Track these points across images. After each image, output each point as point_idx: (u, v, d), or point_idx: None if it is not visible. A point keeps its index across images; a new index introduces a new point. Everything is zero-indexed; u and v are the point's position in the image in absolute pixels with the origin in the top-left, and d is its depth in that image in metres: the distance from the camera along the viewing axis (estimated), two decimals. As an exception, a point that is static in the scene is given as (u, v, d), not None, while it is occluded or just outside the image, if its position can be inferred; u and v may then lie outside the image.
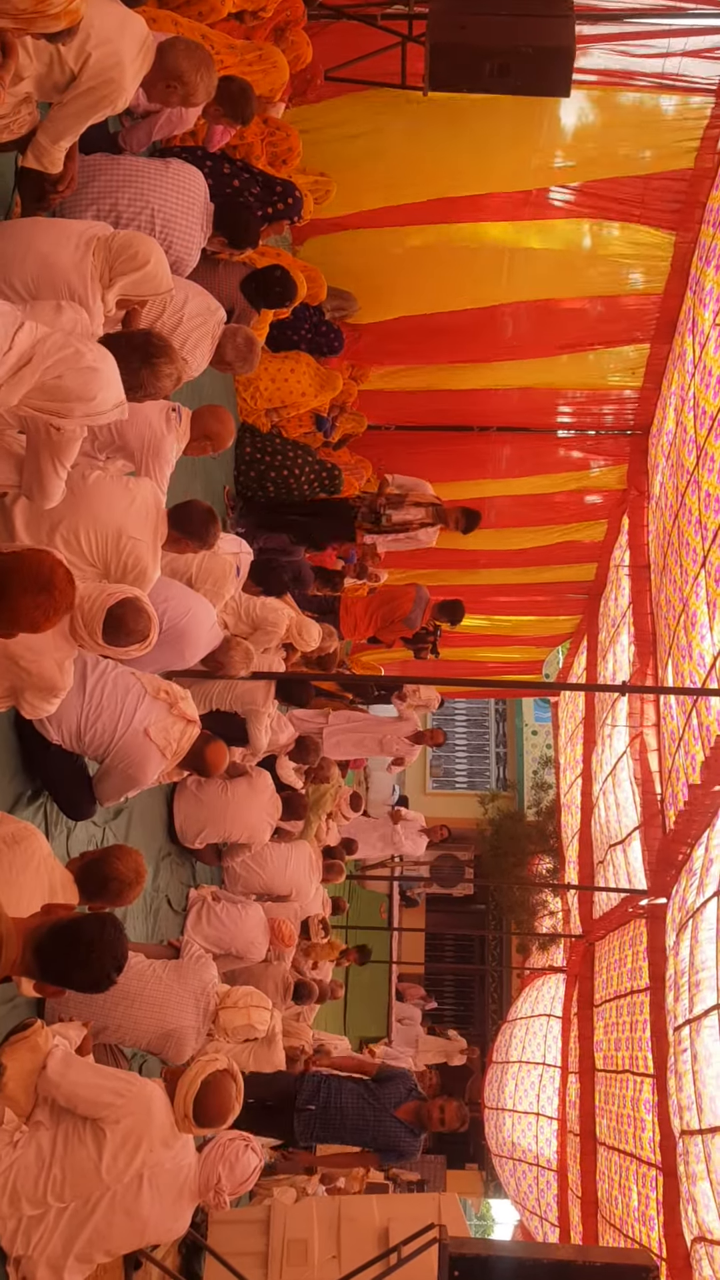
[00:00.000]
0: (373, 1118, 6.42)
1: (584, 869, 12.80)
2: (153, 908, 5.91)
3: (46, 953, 2.78)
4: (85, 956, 2.81)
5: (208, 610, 5.31)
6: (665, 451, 9.68)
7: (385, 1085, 6.56)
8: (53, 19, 3.16)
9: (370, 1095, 6.47)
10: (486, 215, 8.92)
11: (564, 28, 6.52)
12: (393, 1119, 6.42)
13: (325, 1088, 6.49)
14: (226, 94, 5.18)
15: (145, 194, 4.85)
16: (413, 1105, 6.50)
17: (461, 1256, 4.62)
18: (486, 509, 12.07)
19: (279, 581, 7.22)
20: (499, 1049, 14.49)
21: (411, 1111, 6.46)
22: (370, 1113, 6.43)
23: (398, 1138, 6.44)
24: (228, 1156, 3.99)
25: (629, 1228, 8.34)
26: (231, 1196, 4.01)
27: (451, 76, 6.76)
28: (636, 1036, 8.69)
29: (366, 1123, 6.43)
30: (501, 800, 22.47)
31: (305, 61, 7.03)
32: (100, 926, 2.85)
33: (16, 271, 3.75)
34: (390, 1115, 6.42)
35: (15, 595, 3.00)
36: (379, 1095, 6.47)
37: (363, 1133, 6.50)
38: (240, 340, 5.32)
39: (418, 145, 8.20)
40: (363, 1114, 6.41)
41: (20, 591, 3.00)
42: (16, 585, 2.99)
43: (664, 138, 8.04)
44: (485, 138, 8.13)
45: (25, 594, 3.00)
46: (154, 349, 3.83)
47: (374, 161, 8.37)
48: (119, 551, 4.05)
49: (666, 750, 9.08)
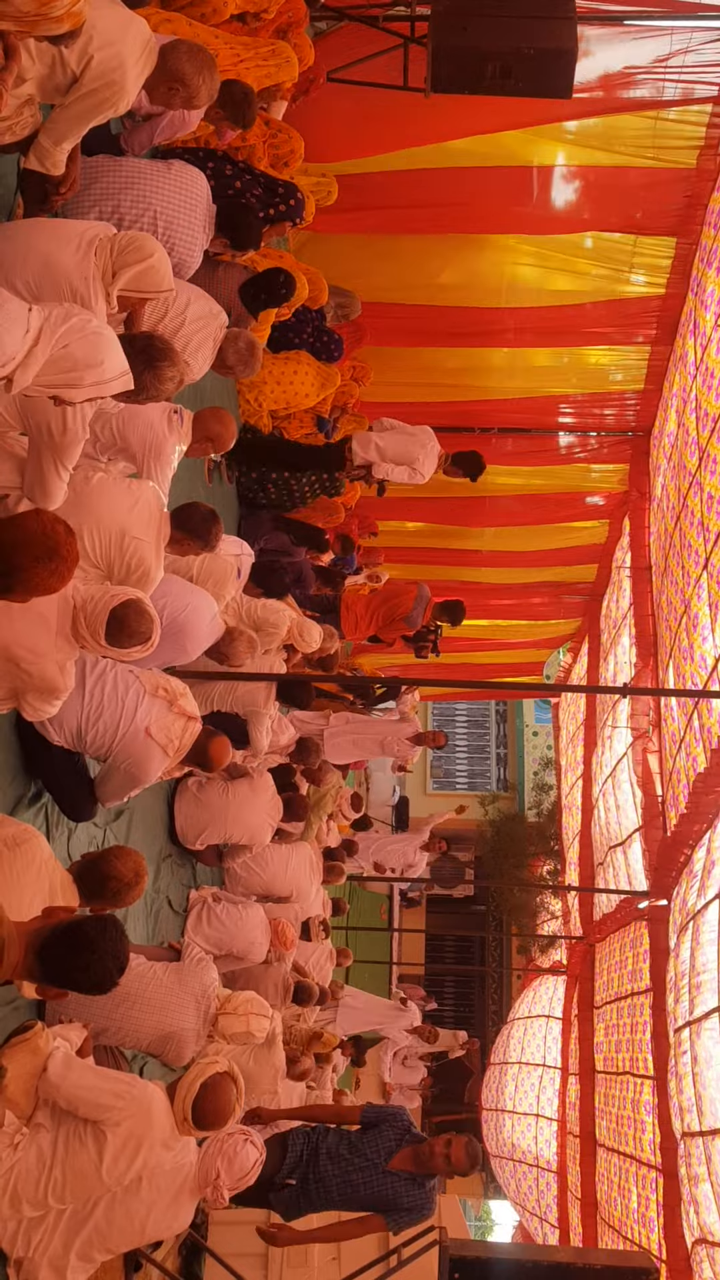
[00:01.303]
0: (361, 1180, 5.18)
1: (584, 870, 12.80)
2: (153, 909, 5.91)
3: (48, 955, 2.78)
4: (87, 958, 2.81)
5: (208, 603, 5.31)
6: (667, 453, 9.69)
7: (372, 1134, 5.32)
8: (55, 21, 3.17)
9: (353, 1152, 5.24)
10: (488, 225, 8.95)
11: (566, 30, 6.52)
12: (386, 1174, 5.16)
13: (307, 1149, 5.30)
14: (229, 97, 5.18)
15: (147, 196, 4.85)
16: (408, 1151, 5.21)
17: (461, 1259, 4.63)
18: (488, 508, 12.12)
19: (280, 584, 7.22)
20: (497, 1050, 14.50)
21: (409, 1159, 5.19)
22: (357, 1174, 5.19)
23: (398, 1194, 5.13)
24: (226, 1151, 4.00)
25: (628, 1229, 8.34)
26: (231, 1191, 4.01)
27: (453, 78, 6.75)
28: (637, 1038, 8.70)
29: (354, 1187, 5.17)
30: (502, 801, 22.47)
31: (307, 63, 7.02)
32: (101, 928, 2.85)
33: (19, 273, 3.75)
34: (382, 1170, 5.17)
35: (27, 566, 3.04)
36: (364, 1149, 5.24)
37: (354, 1199, 5.22)
38: (242, 344, 5.32)
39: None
40: (348, 1178, 5.17)
41: (31, 561, 3.03)
42: (26, 555, 3.02)
43: (665, 140, 8.06)
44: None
45: (36, 563, 3.03)
46: (156, 352, 3.83)
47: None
48: (122, 552, 4.05)
49: (667, 752, 9.08)
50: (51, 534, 3.03)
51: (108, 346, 3.23)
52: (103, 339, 3.21)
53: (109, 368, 3.22)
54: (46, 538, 3.02)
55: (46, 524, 3.04)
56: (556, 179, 8.67)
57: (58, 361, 3.09)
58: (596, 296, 9.52)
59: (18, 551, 3.00)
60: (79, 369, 3.13)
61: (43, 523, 3.03)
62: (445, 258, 9.30)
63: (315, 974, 8.37)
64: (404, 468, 8.60)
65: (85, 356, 3.14)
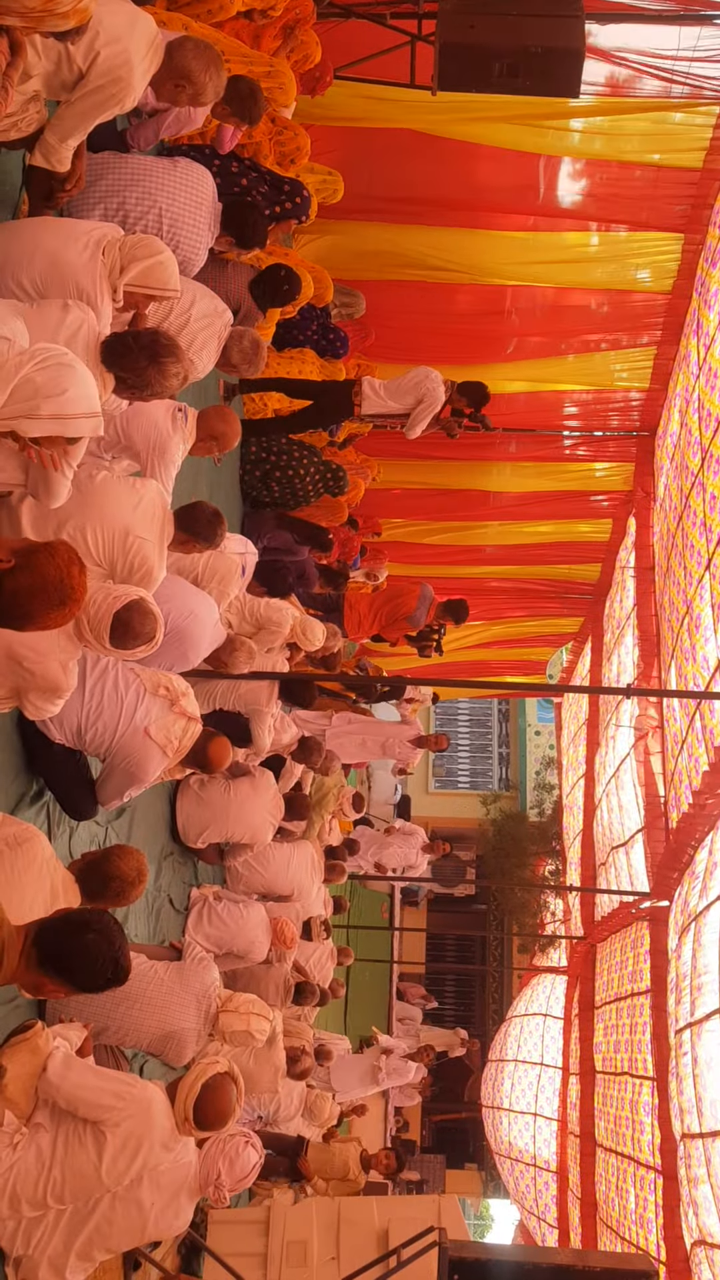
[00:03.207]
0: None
1: (586, 870, 12.79)
2: (155, 907, 5.90)
3: (48, 953, 2.78)
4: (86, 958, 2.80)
5: (210, 609, 5.30)
6: (670, 453, 9.67)
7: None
8: (61, 17, 3.15)
9: None
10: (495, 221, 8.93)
11: (574, 28, 6.50)
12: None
13: None
14: (235, 94, 5.16)
15: (153, 193, 4.83)
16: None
17: (461, 1260, 4.61)
18: (491, 504, 12.11)
19: (284, 583, 7.21)
20: (495, 1047, 14.50)
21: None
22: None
23: None
24: (228, 1152, 3.99)
25: (627, 1230, 8.34)
26: (231, 1192, 4.01)
27: (460, 76, 6.74)
28: (637, 1039, 8.69)
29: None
30: (504, 800, 22.46)
31: (314, 61, 7.01)
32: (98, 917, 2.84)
33: (25, 270, 3.74)
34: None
35: (41, 613, 2.98)
36: None
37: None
38: (246, 343, 5.30)
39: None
40: None
41: (46, 608, 2.97)
42: (42, 603, 2.96)
43: (672, 139, 8.05)
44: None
45: (51, 609, 2.98)
46: (161, 348, 3.81)
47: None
48: (125, 551, 4.04)
49: (669, 753, 9.07)
50: (67, 579, 2.94)
51: (75, 379, 3.09)
52: (71, 371, 3.09)
53: (72, 400, 3.06)
54: (62, 584, 2.94)
55: (62, 568, 2.94)
56: (563, 175, 8.67)
57: (17, 390, 2.97)
58: (601, 295, 9.51)
59: (34, 599, 2.94)
60: (36, 398, 2.99)
61: (58, 567, 2.94)
62: (449, 249, 9.26)
63: (316, 973, 8.37)
64: (415, 399, 8.36)
65: (46, 384, 3.00)
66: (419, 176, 8.74)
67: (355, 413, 8.23)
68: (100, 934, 2.82)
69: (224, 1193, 3.96)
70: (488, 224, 9.16)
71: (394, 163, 8.68)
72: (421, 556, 12.93)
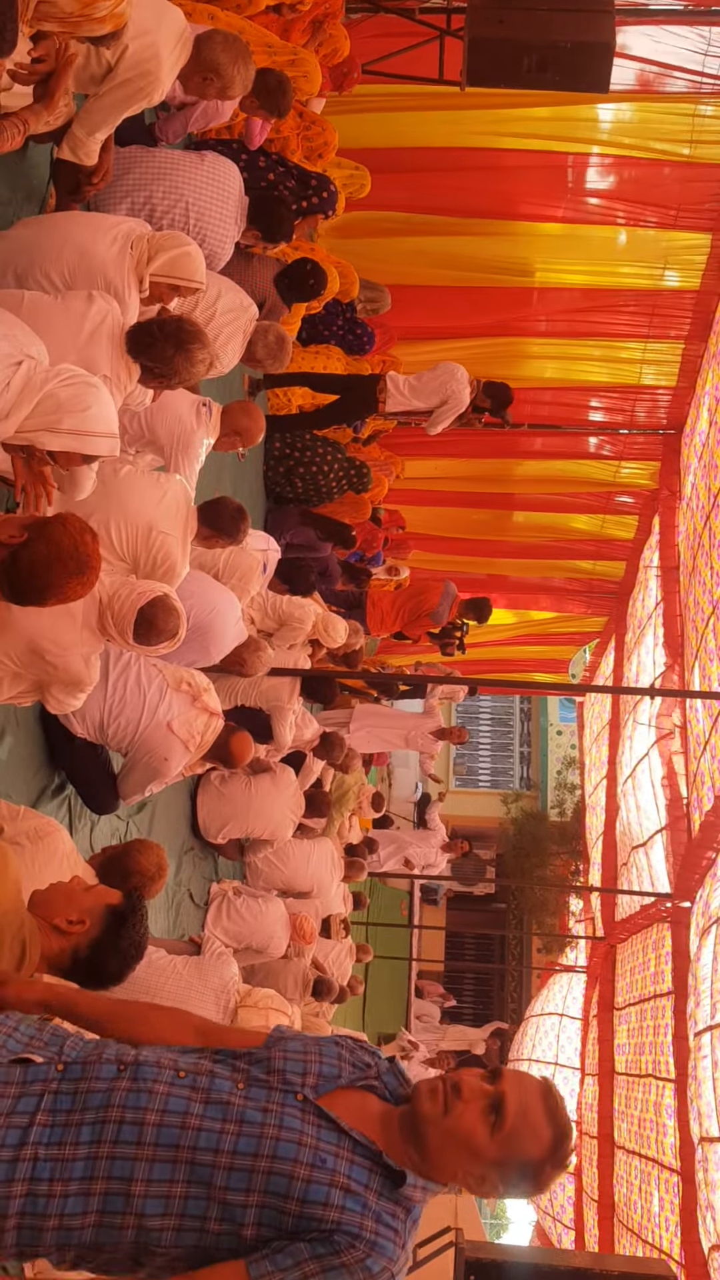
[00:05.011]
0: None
1: (607, 871, 12.72)
2: (174, 901, 5.90)
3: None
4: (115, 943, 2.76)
5: (232, 605, 5.29)
6: (698, 452, 9.59)
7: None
8: (98, 22, 3.19)
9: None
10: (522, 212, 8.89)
11: (604, 23, 6.45)
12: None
13: None
14: (263, 87, 5.15)
15: (180, 187, 4.83)
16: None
17: (477, 1261, 4.60)
18: (515, 501, 12.07)
19: (306, 581, 7.20)
20: (513, 1046, 14.47)
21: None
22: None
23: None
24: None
25: (648, 1233, 8.29)
26: None
27: (489, 71, 6.70)
28: (659, 1041, 8.63)
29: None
30: (525, 800, 22.41)
31: (342, 55, 6.99)
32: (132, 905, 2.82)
33: (53, 263, 3.74)
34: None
35: (59, 583, 3.05)
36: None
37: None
38: (272, 338, 5.29)
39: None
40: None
41: (63, 577, 3.04)
42: (59, 572, 3.03)
43: (702, 136, 7.98)
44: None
45: (69, 578, 3.05)
46: (186, 335, 3.81)
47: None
48: (149, 546, 4.04)
49: (692, 754, 9.01)
50: (82, 547, 3.01)
51: (96, 398, 3.14)
52: (93, 390, 3.14)
53: (94, 418, 3.12)
54: (78, 552, 3.00)
55: (76, 536, 3.01)
56: (592, 172, 8.62)
57: (40, 404, 3.03)
58: (629, 293, 9.45)
59: (51, 569, 3.00)
60: (60, 412, 3.05)
61: (72, 536, 3.00)
62: (476, 242, 9.22)
63: (335, 970, 8.35)
64: (439, 399, 8.32)
65: (68, 400, 3.06)
66: (444, 185, 8.72)
67: (380, 409, 8.21)
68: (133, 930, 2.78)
69: None
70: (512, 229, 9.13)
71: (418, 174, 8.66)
72: (444, 547, 12.91)
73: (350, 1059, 2.11)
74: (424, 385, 8.17)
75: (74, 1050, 2.04)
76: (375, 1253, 1.92)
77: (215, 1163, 1.91)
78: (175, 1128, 1.93)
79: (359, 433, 9.20)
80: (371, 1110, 2.04)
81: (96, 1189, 1.90)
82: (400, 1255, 1.97)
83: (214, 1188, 1.90)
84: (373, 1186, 1.96)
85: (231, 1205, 1.90)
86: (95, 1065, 1.99)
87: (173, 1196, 1.90)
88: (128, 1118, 1.93)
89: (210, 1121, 1.94)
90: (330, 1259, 1.90)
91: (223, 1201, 1.91)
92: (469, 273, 9.45)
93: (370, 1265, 1.92)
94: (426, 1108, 2.00)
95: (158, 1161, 1.91)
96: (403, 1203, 1.98)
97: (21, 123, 3.42)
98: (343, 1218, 1.91)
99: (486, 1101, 2.00)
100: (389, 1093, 2.08)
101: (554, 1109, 2.03)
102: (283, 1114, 1.97)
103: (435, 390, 8.19)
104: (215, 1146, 1.92)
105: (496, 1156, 2.00)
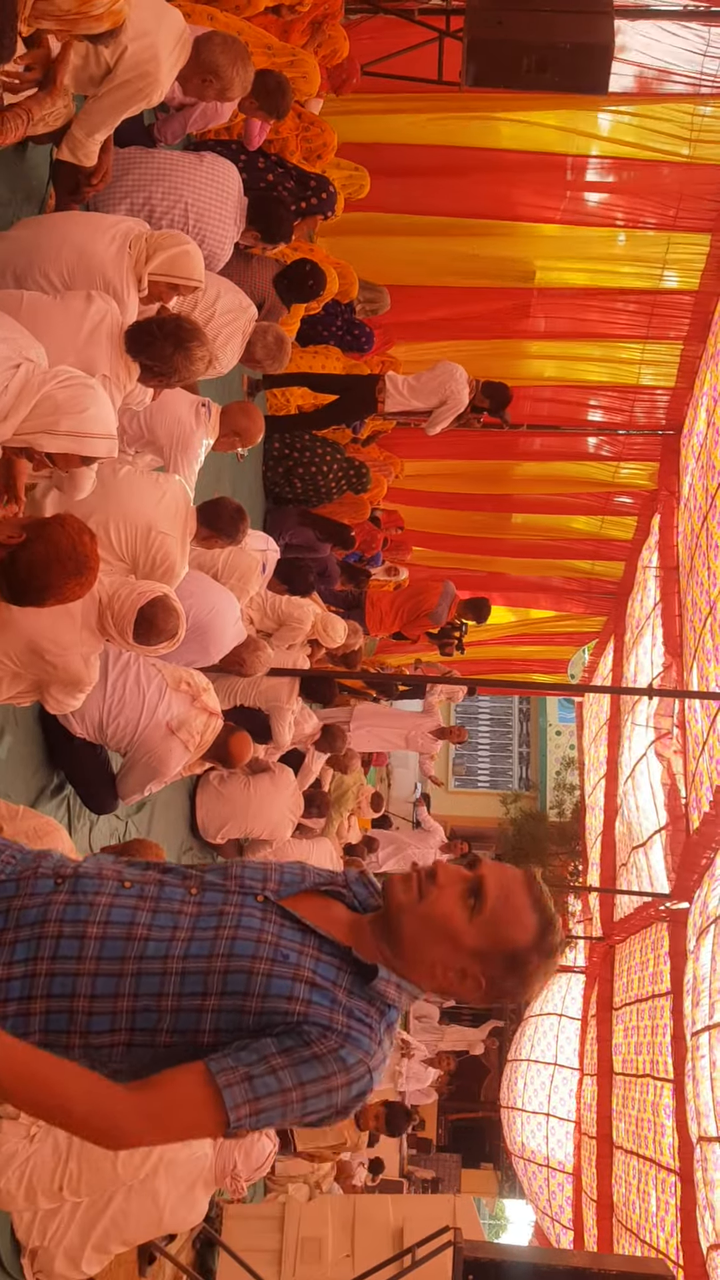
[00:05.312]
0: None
1: (606, 871, 12.73)
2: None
3: None
4: None
5: (231, 605, 5.30)
6: (695, 452, 9.60)
7: None
8: (95, 20, 3.18)
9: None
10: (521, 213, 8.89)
11: (603, 24, 6.45)
12: None
13: None
14: (263, 88, 5.16)
15: (179, 188, 4.83)
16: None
17: (476, 1260, 4.59)
18: (515, 501, 12.08)
19: (305, 581, 7.20)
20: (511, 1046, 14.46)
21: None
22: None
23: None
24: (243, 1143, 4.01)
25: (646, 1233, 8.30)
26: (248, 1181, 4.03)
27: (488, 72, 6.71)
28: (657, 1041, 8.64)
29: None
30: (524, 800, 22.40)
31: (342, 56, 6.99)
32: None
33: (52, 263, 3.75)
34: None
35: (58, 583, 3.06)
36: None
37: None
38: (270, 338, 5.30)
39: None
40: None
41: (62, 578, 3.06)
42: (58, 573, 3.04)
43: (701, 137, 7.98)
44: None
45: (67, 578, 3.07)
46: (185, 333, 3.82)
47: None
48: (148, 546, 4.05)
49: (690, 754, 9.01)
50: (80, 547, 3.03)
51: (95, 400, 3.15)
52: (92, 392, 3.16)
53: (92, 419, 3.13)
54: (76, 553, 3.02)
55: (74, 537, 3.03)
56: (591, 172, 8.62)
57: (37, 406, 3.04)
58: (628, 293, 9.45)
59: (50, 570, 3.01)
60: (57, 414, 3.06)
61: (70, 536, 3.02)
62: (475, 243, 9.23)
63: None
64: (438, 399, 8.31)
65: (66, 402, 3.07)
66: (443, 186, 8.72)
67: (379, 409, 8.21)
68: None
69: (240, 1183, 3.98)
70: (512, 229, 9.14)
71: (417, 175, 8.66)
72: (443, 545, 12.91)
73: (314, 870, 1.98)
74: (423, 385, 8.17)
75: (8, 866, 1.91)
76: (349, 1044, 1.77)
77: (165, 970, 1.77)
78: (120, 939, 1.79)
79: (358, 433, 9.21)
80: (339, 916, 1.90)
81: (36, 1008, 1.76)
82: (377, 1053, 1.81)
83: (165, 997, 1.76)
84: (341, 984, 1.81)
85: (185, 1013, 1.76)
86: (30, 881, 1.86)
87: (119, 1012, 1.76)
88: (66, 932, 1.79)
89: (159, 930, 1.80)
90: (300, 1050, 1.75)
91: (176, 1010, 1.76)
92: (468, 273, 9.46)
93: (345, 1056, 1.76)
94: (400, 895, 1.86)
95: (101, 976, 1.77)
96: (376, 1001, 1.82)
97: (25, 112, 3.43)
98: (310, 1011, 1.76)
99: (465, 885, 1.86)
100: (358, 902, 1.93)
101: (538, 896, 1.89)
102: (240, 915, 1.83)
103: (434, 390, 8.19)
104: (165, 954, 1.78)
105: (477, 944, 1.85)
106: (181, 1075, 1.73)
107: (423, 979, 1.88)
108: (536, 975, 1.89)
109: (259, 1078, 1.72)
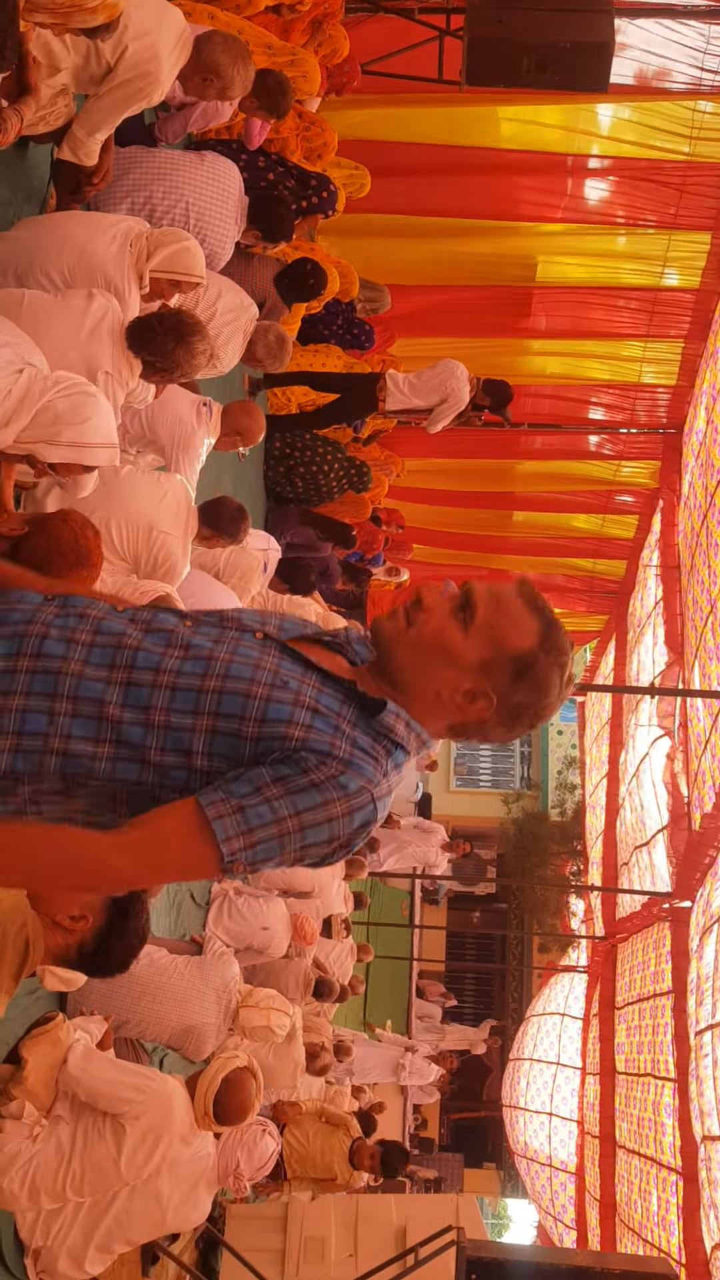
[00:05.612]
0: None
1: (608, 870, 12.73)
2: (175, 901, 5.91)
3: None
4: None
5: (233, 604, 5.30)
6: (695, 451, 9.60)
7: None
8: (90, 13, 3.16)
9: None
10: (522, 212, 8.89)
11: (603, 23, 6.45)
12: None
13: None
14: (263, 87, 5.15)
15: (180, 187, 4.83)
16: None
17: (479, 1260, 4.60)
18: (516, 499, 12.07)
19: (306, 581, 7.20)
20: (514, 1046, 14.47)
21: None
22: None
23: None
24: (246, 1142, 4.01)
25: (649, 1232, 8.29)
26: (251, 1180, 4.03)
27: (489, 71, 6.70)
28: (659, 1040, 8.64)
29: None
30: (525, 800, 22.41)
31: (342, 55, 6.99)
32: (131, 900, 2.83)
33: (53, 262, 3.75)
34: None
35: (58, 573, 3.06)
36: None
37: None
38: (272, 338, 5.30)
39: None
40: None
41: (64, 571, 3.05)
42: (60, 566, 3.04)
43: (701, 135, 7.97)
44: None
45: (69, 571, 3.06)
46: (186, 328, 3.81)
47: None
48: (150, 546, 4.04)
49: (693, 753, 9.01)
50: (82, 541, 3.02)
51: (97, 408, 3.15)
52: (93, 400, 3.15)
53: (93, 429, 3.12)
54: (78, 545, 3.01)
55: (76, 530, 3.02)
56: (591, 171, 8.61)
57: (37, 416, 3.04)
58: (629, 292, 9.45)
59: (52, 562, 3.01)
60: (58, 424, 3.05)
61: (73, 529, 3.02)
62: (476, 242, 9.22)
63: (336, 970, 8.36)
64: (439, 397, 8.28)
65: (67, 411, 3.06)
66: (444, 184, 8.72)
67: (380, 408, 8.21)
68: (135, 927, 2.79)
69: (244, 1182, 3.98)
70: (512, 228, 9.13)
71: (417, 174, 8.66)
72: (444, 542, 12.92)
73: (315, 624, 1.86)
74: (424, 383, 8.17)
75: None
76: (351, 770, 1.64)
77: (155, 683, 1.66)
78: (109, 648, 1.68)
79: (359, 432, 9.20)
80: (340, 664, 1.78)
81: (13, 704, 1.65)
82: (382, 784, 1.68)
83: (154, 710, 1.65)
84: (346, 716, 1.69)
85: (177, 730, 1.65)
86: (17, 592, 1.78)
87: (104, 719, 1.64)
88: (52, 634, 1.68)
89: (151, 645, 1.70)
90: (296, 779, 1.63)
91: (165, 726, 1.65)
92: (469, 272, 9.46)
93: (345, 782, 1.64)
94: (388, 628, 1.75)
95: (86, 679, 1.66)
96: (382, 739, 1.70)
97: (16, 114, 3.42)
98: (310, 736, 1.65)
99: (452, 603, 1.76)
100: (359, 659, 1.81)
101: (532, 598, 1.79)
102: (238, 645, 1.71)
103: (435, 388, 8.18)
104: (156, 667, 1.67)
105: (478, 655, 1.73)
106: (170, 810, 1.64)
107: (431, 714, 1.76)
108: (549, 679, 1.79)
109: (252, 808, 1.62)
